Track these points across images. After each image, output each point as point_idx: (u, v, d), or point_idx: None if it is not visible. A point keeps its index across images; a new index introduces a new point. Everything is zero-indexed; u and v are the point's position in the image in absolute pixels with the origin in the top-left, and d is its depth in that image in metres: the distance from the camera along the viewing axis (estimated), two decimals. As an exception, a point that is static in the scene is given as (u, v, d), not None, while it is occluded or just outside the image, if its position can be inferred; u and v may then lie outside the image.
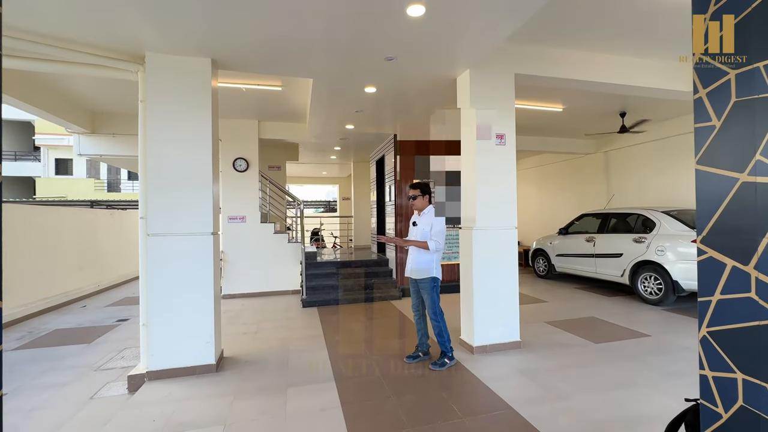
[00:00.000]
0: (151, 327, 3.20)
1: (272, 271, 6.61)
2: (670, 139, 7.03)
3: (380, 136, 6.88)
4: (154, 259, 3.20)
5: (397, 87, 4.20)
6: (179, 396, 2.89)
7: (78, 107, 5.75)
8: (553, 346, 3.82)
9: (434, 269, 3.34)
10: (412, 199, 3.44)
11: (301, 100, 5.59)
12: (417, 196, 3.43)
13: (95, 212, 8.05)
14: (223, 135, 6.43)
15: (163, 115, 3.24)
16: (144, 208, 3.24)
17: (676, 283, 5.11)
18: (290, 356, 3.68)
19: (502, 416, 2.51)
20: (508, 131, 3.80)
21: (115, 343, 4.41)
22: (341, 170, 12.30)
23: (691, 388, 2.87)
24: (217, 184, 3.59)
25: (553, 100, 5.75)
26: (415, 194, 3.43)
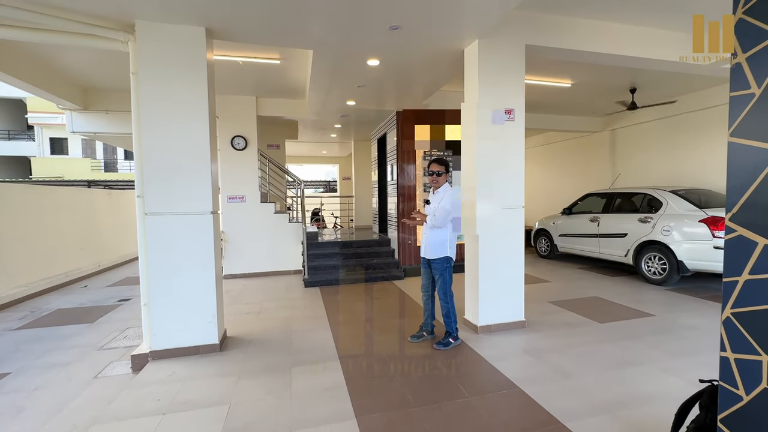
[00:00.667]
0: (153, 307, 3.15)
1: (273, 251, 6.56)
2: (681, 117, 6.84)
3: (382, 113, 6.68)
4: (153, 239, 3.12)
5: (401, 59, 4.00)
6: (183, 375, 2.88)
7: (69, 82, 5.54)
8: (558, 326, 3.81)
9: (448, 249, 3.27)
10: (436, 174, 3.31)
11: (300, 75, 5.38)
12: (442, 173, 3.32)
13: (92, 192, 7.93)
14: (220, 112, 6.24)
15: (156, 89, 3.08)
16: (140, 186, 3.13)
17: (680, 263, 5.07)
18: (294, 336, 3.67)
19: (508, 395, 2.50)
20: (518, 106, 3.65)
21: (118, 323, 4.40)
22: (341, 149, 12.09)
23: (697, 367, 2.86)
24: (216, 162, 3.47)
25: (562, 75, 5.54)
26: (441, 170, 3.31)
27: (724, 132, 6.10)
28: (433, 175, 3.34)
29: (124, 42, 3.10)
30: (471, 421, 2.22)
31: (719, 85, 6.06)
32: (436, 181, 3.34)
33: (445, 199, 3.25)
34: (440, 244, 3.27)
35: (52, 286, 6.09)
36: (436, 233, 3.27)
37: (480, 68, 3.51)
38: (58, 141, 20.35)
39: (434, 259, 3.31)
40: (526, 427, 2.17)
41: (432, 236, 3.29)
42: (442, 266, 3.30)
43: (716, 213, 4.89)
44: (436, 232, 3.27)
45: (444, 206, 3.23)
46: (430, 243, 3.31)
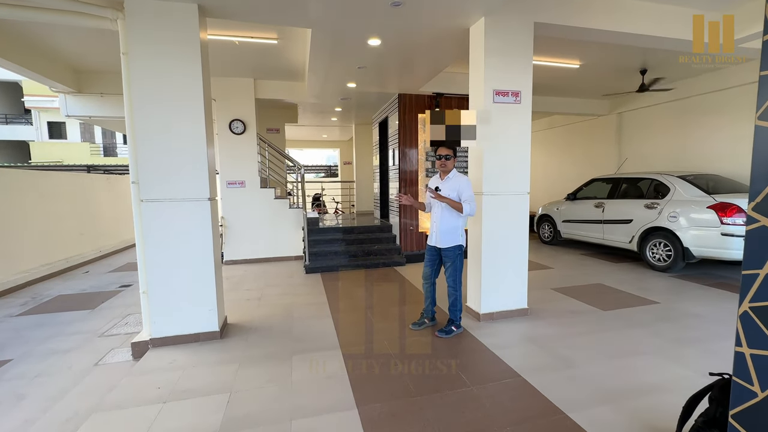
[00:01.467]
0: (152, 295, 3.12)
1: (274, 237, 6.52)
2: (691, 100, 6.64)
3: (384, 96, 6.50)
4: (150, 226, 3.06)
5: (403, 38, 3.84)
6: (184, 363, 2.87)
7: (61, 64, 5.38)
8: (561, 314, 3.77)
9: (461, 236, 3.18)
10: (445, 158, 3.12)
11: (298, 56, 5.20)
12: (450, 156, 3.14)
13: (91, 177, 7.85)
14: (217, 95, 6.09)
15: (148, 70, 2.95)
16: (135, 172, 3.05)
17: (686, 250, 5.00)
18: (294, 323, 3.64)
19: (511, 384, 2.47)
20: (525, 88, 3.51)
21: (119, 309, 4.39)
22: (342, 133, 11.90)
23: (703, 356, 2.82)
24: (212, 147, 3.37)
25: (570, 56, 5.34)
26: (449, 154, 3.13)
27: (736, 116, 5.96)
28: (441, 159, 3.14)
29: (112, 20, 2.95)
30: (473, 411, 2.20)
31: (732, 66, 5.83)
32: (445, 165, 3.15)
33: (465, 186, 3.10)
34: (453, 232, 3.16)
35: (54, 272, 6.08)
36: (448, 220, 3.13)
37: (486, 47, 3.35)
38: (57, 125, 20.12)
39: (447, 248, 3.17)
40: (529, 416, 2.15)
41: (444, 223, 3.14)
42: (454, 254, 3.18)
43: (725, 199, 4.78)
44: (448, 220, 3.13)
45: (470, 194, 3.10)
46: (442, 231, 3.15)
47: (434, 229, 3.19)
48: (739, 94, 5.91)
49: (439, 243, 3.19)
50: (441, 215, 3.16)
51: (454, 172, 3.20)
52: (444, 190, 3.13)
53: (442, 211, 3.15)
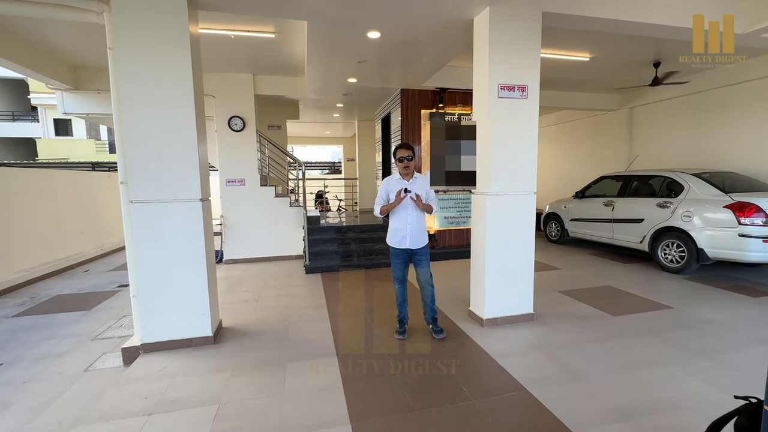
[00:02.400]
0: (143, 299, 3.02)
1: (274, 236, 6.41)
2: (707, 93, 6.36)
3: (386, 92, 6.33)
4: (140, 228, 2.95)
5: (404, 31, 3.67)
6: (174, 370, 2.76)
7: (57, 60, 5.28)
8: (568, 319, 3.61)
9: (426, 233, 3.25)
10: (407, 160, 3.06)
11: (298, 51, 5.05)
12: (412, 157, 3.08)
13: (92, 175, 7.80)
14: (216, 91, 5.97)
15: (136, 65, 2.83)
16: (124, 172, 2.94)
17: (701, 251, 4.78)
18: (291, 327, 3.53)
19: (514, 399, 2.33)
20: (532, 83, 3.32)
21: (115, 310, 4.32)
22: (345, 130, 11.75)
23: (721, 368, 2.65)
24: (205, 146, 3.24)
25: (580, 48, 5.12)
26: (410, 155, 3.07)
27: (756, 110, 5.69)
28: (404, 161, 3.07)
29: (98, 13, 2.83)
30: (474, 428, 2.06)
31: (749, 59, 5.55)
32: (408, 167, 3.08)
33: (428, 186, 3.17)
34: (425, 231, 3.21)
35: (54, 270, 6.05)
36: (421, 221, 3.15)
37: (491, 39, 3.17)
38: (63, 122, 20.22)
39: (421, 247, 3.17)
40: (534, 436, 2.01)
41: (419, 224, 3.13)
42: (426, 251, 3.20)
43: (743, 198, 4.55)
44: (421, 220, 3.15)
45: (432, 193, 3.18)
46: (417, 231, 3.13)
47: (407, 231, 3.11)
48: (760, 87, 5.64)
49: (414, 244, 3.14)
50: (416, 217, 3.12)
51: (418, 174, 3.19)
52: (416, 190, 3.08)
53: (417, 213, 3.13)
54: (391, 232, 3.21)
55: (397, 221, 3.13)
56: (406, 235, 3.11)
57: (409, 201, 3.07)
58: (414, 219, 3.10)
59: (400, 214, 3.12)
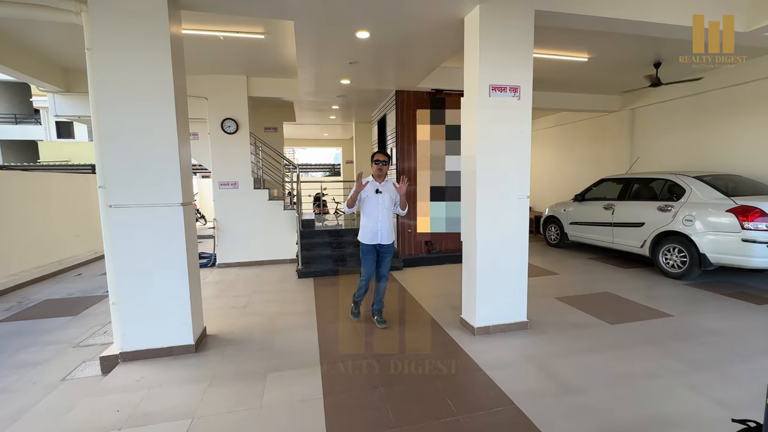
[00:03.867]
0: (122, 306, 2.93)
1: (268, 240, 6.33)
2: (709, 94, 6.22)
3: (381, 93, 6.24)
4: (119, 234, 2.86)
5: (393, 31, 3.58)
6: (152, 381, 2.67)
7: (47, 63, 5.24)
8: (564, 327, 3.48)
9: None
10: (383, 164, 3.40)
11: (290, 52, 4.97)
12: (387, 162, 3.44)
13: (88, 177, 7.77)
14: (209, 93, 5.91)
15: (114, 66, 2.75)
16: (102, 176, 2.85)
17: (703, 257, 4.64)
18: (277, 335, 3.43)
19: (502, 415, 2.21)
20: (524, 83, 3.21)
21: (102, 316, 4.24)
22: (344, 132, 11.68)
23: (723, 381, 2.52)
24: (187, 148, 3.16)
25: (578, 48, 5.00)
26: (386, 159, 3.43)
27: (758, 110, 5.54)
28: (379, 164, 3.38)
29: (76, 13, 2.76)
30: (457, 447, 1.95)
31: (753, 58, 5.41)
32: (382, 170, 3.40)
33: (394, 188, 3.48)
34: (392, 229, 3.53)
35: (46, 274, 6.00)
36: (389, 219, 3.46)
37: (481, 38, 3.07)
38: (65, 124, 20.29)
39: (388, 244, 3.48)
40: (521, 456, 1.89)
41: (388, 222, 3.45)
42: (391, 248, 3.53)
43: (746, 202, 4.41)
44: (389, 219, 3.46)
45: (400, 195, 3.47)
46: (386, 229, 3.44)
47: (378, 228, 3.42)
48: (764, 88, 5.49)
49: (384, 240, 3.45)
50: (386, 215, 3.42)
51: (387, 177, 3.51)
52: (385, 192, 3.40)
53: (387, 212, 3.43)
54: (363, 230, 3.46)
55: (370, 220, 3.42)
56: (378, 231, 3.41)
57: (380, 201, 3.38)
58: (384, 217, 3.41)
59: (372, 213, 3.41)
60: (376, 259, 3.49)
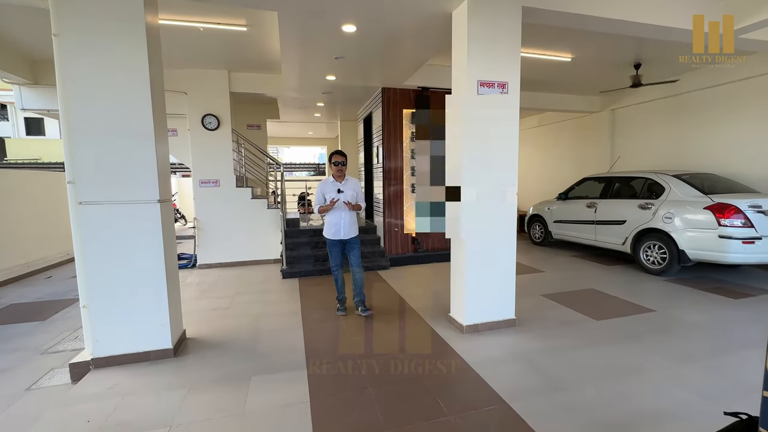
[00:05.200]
0: (93, 310, 2.76)
1: (251, 239, 6.16)
2: (685, 96, 6.41)
3: (367, 90, 6.17)
4: (90, 232, 2.69)
5: (380, 25, 3.51)
6: (126, 388, 2.52)
7: (12, 53, 4.93)
8: (551, 324, 3.49)
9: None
10: (341, 165, 3.61)
11: (273, 46, 4.84)
12: (345, 163, 3.64)
13: (57, 175, 7.38)
14: (188, 88, 5.71)
15: (83, 53, 2.59)
16: (71, 170, 2.68)
17: (682, 253, 4.76)
18: (261, 337, 3.31)
19: (493, 414, 2.17)
20: (512, 79, 3.20)
21: (72, 321, 4.01)
22: (329, 130, 11.54)
23: (706, 373, 2.56)
24: (165, 142, 3.01)
25: (562, 48, 5.06)
26: (344, 160, 3.63)
27: (731, 112, 5.74)
28: (338, 165, 3.60)
29: (42, -4, 2.58)
30: (449, 449, 1.90)
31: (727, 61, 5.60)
32: (341, 170, 3.63)
33: (359, 186, 3.76)
34: (355, 224, 3.75)
35: (12, 277, 5.67)
36: (352, 216, 3.69)
37: (470, 34, 3.04)
38: (35, 121, 19.37)
39: (352, 237, 3.71)
40: (513, 455, 1.85)
41: (350, 218, 3.67)
42: (357, 241, 3.75)
43: (722, 199, 4.54)
44: (352, 215, 3.69)
45: (361, 194, 3.76)
46: (349, 224, 3.67)
47: (342, 224, 3.64)
48: (738, 90, 5.69)
49: (347, 235, 3.67)
50: (348, 213, 3.65)
51: (349, 177, 3.73)
52: (347, 191, 3.62)
53: (349, 210, 3.64)
54: (327, 226, 3.69)
55: (333, 217, 3.65)
56: (340, 227, 3.64)
57: (343, 200, 3.58)
58: (346, 215, 3.65)
59: (335, 211, 3.64)
60: (342, 251, 3.75)
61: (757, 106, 5.47)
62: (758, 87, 5.45)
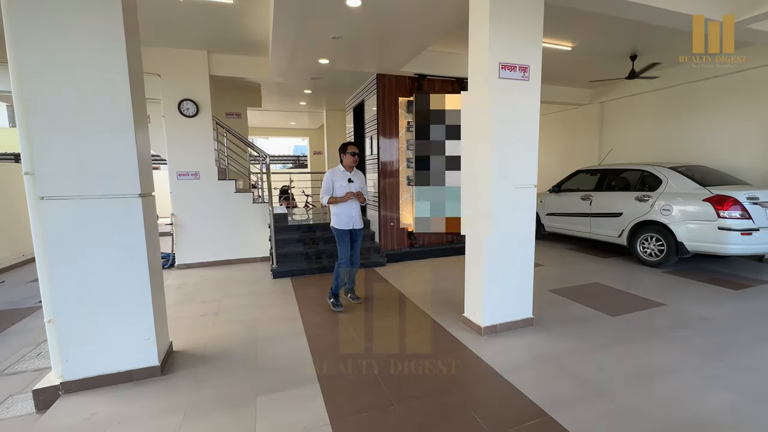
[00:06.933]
0: (61, 324, 2.33)
1: (236, 236, 5.71)
2: (673, 89, 6.49)
3: (360, 77, 5.80)
4: (55, 232, 2.25)
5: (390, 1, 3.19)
6: (106, 417, 2.13)
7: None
8: (567, 321, 3.36)
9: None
10: (358, 155, 3.74)
11: (261, 25, 4.40)
12: (358, 153, 3.74)
13: (8, 167, 6.57)
14: (162, 69, 5.15)
15: (42, 19, 2.12)
16: (29, 160, 2.22)
17: (680, 245, 4.78)
18: (260, 347, 2.96)
19: (540, 428, 1.97)
20: (534, 63, 2.99)
21: (33, 333, 3.49)
22: (312, 120, 11.04)
23: (738, 372, 2.48)
24: (145, 127, 2.57)
25: (564, 36, 4.91)
26: (358, 152, 3.74)
27: (721, 104, 5.84)
28: (355, 156, 3.69)
29: (-15, -58, 2.08)
30: (501, 475, 1.67)
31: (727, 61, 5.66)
32: (357, 161, 3.71)
33: (364, 178, 3.87)
34: (361, 214, 3.81)
35: (-44, 283, 4.95)
36: (359, 205, 3.74)
37: (492, 12, 2.78)
38: (-22, 107, 17.49)
39: (361, 228, 3.79)
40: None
41: (359, 209, 3.75)
42: (362, 232, 3.85)
43: (721, 191, 4.57)
44: (359, 205, 3.73)
45: (365, 185, 3.88)
46: (358, 215, 3.74)
47: (353, 214, 3.69)
48: (728, 82, 5.78)
49: (357, 225, 3.73)
50: (357, 203, 3.70)
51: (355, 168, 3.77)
52: (357, 181, 3.71)
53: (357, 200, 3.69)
54: (337, 217, 3.68)
55: (345, 207, 3.67)
56: (352, 217, 3.68)
57: (352, 189, 3.63)
58: (356, 205, 3.72)
59: (348, 201, 3.66)
60: (350, 243, 3.74)
61: (746, 100, 5.58)
62: (747, 80, 5.55)
